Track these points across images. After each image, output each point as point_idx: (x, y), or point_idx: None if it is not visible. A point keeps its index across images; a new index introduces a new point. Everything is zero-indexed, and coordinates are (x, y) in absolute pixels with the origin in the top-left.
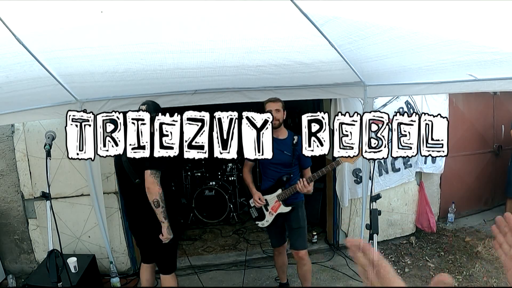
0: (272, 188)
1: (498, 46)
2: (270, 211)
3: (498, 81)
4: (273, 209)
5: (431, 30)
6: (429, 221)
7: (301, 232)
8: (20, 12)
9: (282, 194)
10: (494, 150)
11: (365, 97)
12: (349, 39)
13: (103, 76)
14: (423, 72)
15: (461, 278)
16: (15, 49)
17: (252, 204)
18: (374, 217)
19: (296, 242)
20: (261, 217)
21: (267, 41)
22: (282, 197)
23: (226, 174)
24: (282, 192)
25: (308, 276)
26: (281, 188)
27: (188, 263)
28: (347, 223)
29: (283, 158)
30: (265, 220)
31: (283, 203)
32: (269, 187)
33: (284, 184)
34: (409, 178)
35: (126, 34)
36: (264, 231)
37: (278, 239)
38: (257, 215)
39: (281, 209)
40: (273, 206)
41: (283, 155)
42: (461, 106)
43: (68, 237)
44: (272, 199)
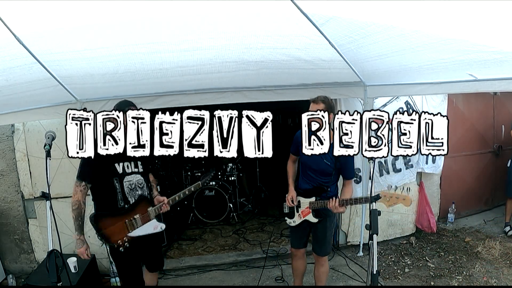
0: (308, 193)
1: (498, 45)
2: (300, 214)
3: (498, 81)
4: (303, 213)
5: (432, 28)
6: (429, 221)
7: (324, 241)
8: (20, 12)
9: (315, 203)
10: (494, 150)
11: (365, 97)
12: (349, 38)
13: (103, 77)
14: (424, 71)
15: (461, 278)
16: (15, 52)
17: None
18: (374, 217)
19: (319, 248)
20: (291, 215)
21: (266, 38)
22: (314, 206)
23: (226, 174)
24: (315, 202)
25: (323, 278)
26: (316, 197)
27: (188, 263)
28: (347, 223)
29: (323, 166)
30: (293, 219)
31: (313, 212)
32: (306, 191)
33: (320, 194)
34: (410, 179)
35: (126, 34)
36: (264, 231)
37: (299, 242)
38: (288, 211)
39: (309, 217)
40: (303, 210)
41: (322, 162)
42: (461, 106)
43: (68, 237)
44: (304, 203)
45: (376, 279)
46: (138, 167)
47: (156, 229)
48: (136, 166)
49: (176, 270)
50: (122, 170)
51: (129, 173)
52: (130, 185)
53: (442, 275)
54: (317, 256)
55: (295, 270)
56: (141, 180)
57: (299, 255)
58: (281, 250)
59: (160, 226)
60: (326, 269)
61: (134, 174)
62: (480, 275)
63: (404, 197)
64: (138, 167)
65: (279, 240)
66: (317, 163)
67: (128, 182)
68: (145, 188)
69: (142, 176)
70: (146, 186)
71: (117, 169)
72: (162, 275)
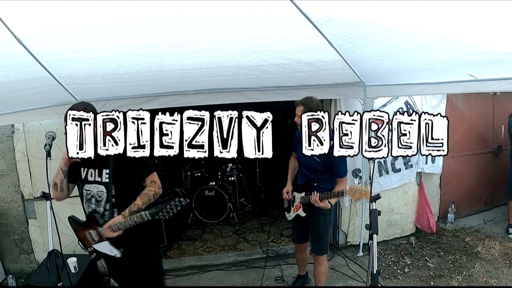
0: (301, 188)
1: (497, 46)
2: (294, 208)
3: (498, 81)
4: (296, 208)
5: (432, 28)
6: (429, 221)
7: (318, 238)
8: (20, 12)
9: (304, 197)
10: (494, 150)
11: (365, 97)
12: (349, 38)
13: (103, 78)
14: (423, 71)
15: (461, 278)
16: (15, 50)
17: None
18: (374, 217)
19: (313, 246)
20: (289, 209)
21: (266, 40)
22: (303, 201)
23: (226, 174)
24: (305, 196)
25: (321, 278)
26: (306, 191)
27: (188, 263)
28: (347, 223)
29: (312, 162)
30: (289, 214)
31: (303, 206)
32: (300, 186)
33: (310, 189)
34: (410, 179)
35: (126, 35)
36: (264, 231)
37: (299, 236)
38: (286, 206)
39: (299, 211)
40: (296, 205)
41: (311, 159)
42: (461, 106)
43: (68, 237)
44: (297, 198)
45: (376, 279)
46: (102, 176)
47: (112, 253)
48: (100, 175)
49: (176, 270)
50: (85, 177)
51: (90, 181)
52: (87, 194)
53: (442, 275)
54: (314, 255)
55: (299, 261)
56: (102, 192)
57: (302, 248)
58: (281, 250)
59: (115, 252)
60: (325, 269)
61: (96, 184)
62: (480, 275)
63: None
64: (102, 177)
65: (279, 240)
66: (308, 160)
67: (86, 191)
68: (103, 202)
69: (106, 188)
70: (106, 200)
71: (81, 174)
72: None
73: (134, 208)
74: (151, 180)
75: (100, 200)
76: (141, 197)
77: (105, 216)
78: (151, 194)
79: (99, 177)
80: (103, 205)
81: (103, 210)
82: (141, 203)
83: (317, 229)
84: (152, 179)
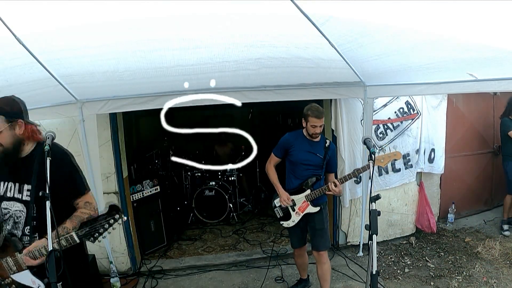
0: (300, 188)
1: (498, 44)
2: (297, 211)
3: (498, 81)
4: (300, 209)
5: (432, 28)
6: (429, 222)
7: (323, 233)
8: (20, 12)
9: (312, 194)
10: (494, 150)
11: (365, 97)
12: (349, 37)
13: (103, 75)
14: (424, 70)
15: (461, 279)
16: (15, 51)
17: (277, 204)
18: (374, 217)
19: (318, 242)
20: (287, 217)
21: (266, 37)
22: (311, 197)
23: (226, 174)
24: (311, 193)
25: (327, 276)
26: (310, 188)
27: (188, 263)
28: (347, 224)
29: (315, 160)
30: (291, 220)
31: (311, 203)
32: (297, 187)
33: (313, 185)
34: (410, 179)
35: (126, 31)
36: (264, 231)
37: (299, 240)
38: (282, 215)
39: (309, 209)
40: (301, 206)
41: (315, 156)
42: (461, 106)
43: None
44: (299, 199)
45: (376, 279)
46: (22, 193)
47: (35, 284)
48: (20, 191)
49: (176, 270)
50: (4, 192)
51: (8, 198)
52: (4, 214)
53: (442, 275)
54: (318, 254)
55: (299, 266)
56: (20, 213)
57: (301, 253)
58: (281, 250)
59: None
60: (329, 266)
61: (15, 201)
62: (480, 275)
63: (395, 153)
64: (22, 193)
65: (279, 240)
66: (310, 158)
67: (3, 209)
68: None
69: (26, 208)
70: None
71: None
72: (162, 275)
73: (63, 232)
74: (85, 202)
75: (17, 222)
76: (72, 220)
77: (24, 242)
78: (84, 218)
79: (19, 194)
80: (21, 228)
81: (21, 234)
82: (72, 228)
83: (322, 224)
84: (86, 200)
